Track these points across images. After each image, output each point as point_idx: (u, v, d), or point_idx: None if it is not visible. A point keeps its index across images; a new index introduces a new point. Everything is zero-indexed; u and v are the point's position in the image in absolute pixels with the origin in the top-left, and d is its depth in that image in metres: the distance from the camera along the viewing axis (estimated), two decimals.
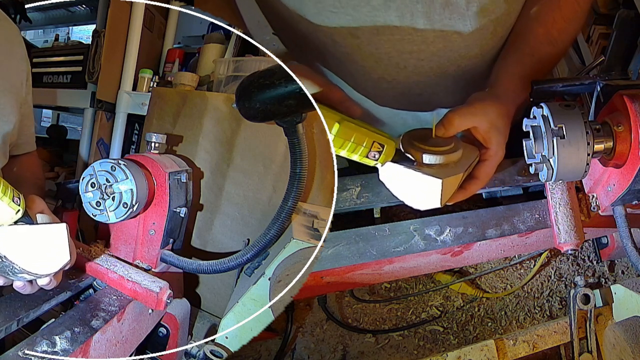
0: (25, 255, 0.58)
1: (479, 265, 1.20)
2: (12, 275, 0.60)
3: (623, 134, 0.66)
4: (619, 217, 0.74)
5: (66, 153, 2.00)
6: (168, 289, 0.78)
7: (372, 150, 0.61)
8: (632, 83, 0.72)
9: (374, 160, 0.62)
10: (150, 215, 0.87)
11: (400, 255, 0.79)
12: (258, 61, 1.22)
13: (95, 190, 0.79)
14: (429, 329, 1.15)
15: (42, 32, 2.53)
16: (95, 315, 0.71)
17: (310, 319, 1.18)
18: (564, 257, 1.20)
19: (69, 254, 0.62)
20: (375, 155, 0.61)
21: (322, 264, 0.77)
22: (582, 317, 0.81)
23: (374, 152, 0.61)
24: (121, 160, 0.81)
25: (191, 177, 0.96)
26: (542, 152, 0.68)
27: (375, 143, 0.61)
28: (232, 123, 1.06)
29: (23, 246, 0.58)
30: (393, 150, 0.63)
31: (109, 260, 0.83)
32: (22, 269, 0.58)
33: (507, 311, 1.16)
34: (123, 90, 1.50)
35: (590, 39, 1.35)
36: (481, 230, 0.81)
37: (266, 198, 1.03)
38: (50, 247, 0.60)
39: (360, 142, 0.60)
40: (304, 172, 0.77)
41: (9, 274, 0.59)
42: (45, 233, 0.60)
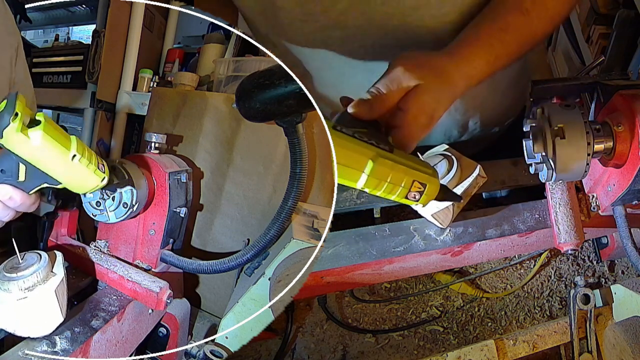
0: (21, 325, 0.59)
1: (479, 265, 1.20)
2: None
3: (623, 134, 0.66)
4: (619, 217, 0.74)
5: None
6: (168, 289, 0.78)
7: (411, 190, 0.52)
8: (632, 83, 0.72)
9: (414, 201, 0.54)
10: (150, 215, 0.87)
11: (400, 255, 0.79)
12: (258, 61, 1.22)
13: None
14: (429, 329, 1.15)
15: (42, 32, 2.52)
16: (95, 315, 0.71)
17: (310, 319, 1.18)
18: (564, 257, 1.19)
19: (62, 316, 0.61)
20: (415, 195, 0.53)
21: (322, 264, 0.77)
22: (582, 317, 0.81)
23: (414, 192, 0.53)
24: (121, 160, 0.81)
25: (191, 177, 0.97)
26: (542, 152, 0.68)
27: (415, 182, 0.52)
28: (232, 123, 1.06)
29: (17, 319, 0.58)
30: (436, 189, 0.55)
31: (109, 260, 0.83)
32: (20, 335, 0.59)
33: (507, 311, 1.16)
34: (123, 90, 1.50)
35: (590, 39, 1.35)
36: (481, 230, 0.81)
37: (266, 198, 1.03)
38: (43, 313, 0.60)
39: (399, 183, 0.51)
40: (304, 172, 0.77)
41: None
42: (36, 302, 0.59)
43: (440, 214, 0.71)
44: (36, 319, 0.60)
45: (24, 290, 0.57)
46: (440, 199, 0.57)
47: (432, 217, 0.73)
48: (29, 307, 0.58)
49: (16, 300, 0.57)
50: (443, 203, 0.64)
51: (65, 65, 1.63)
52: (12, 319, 0.58)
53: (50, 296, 0.59)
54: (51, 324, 0.61)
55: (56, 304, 0.60)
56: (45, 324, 0.61)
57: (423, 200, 0.54)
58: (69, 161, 0.54)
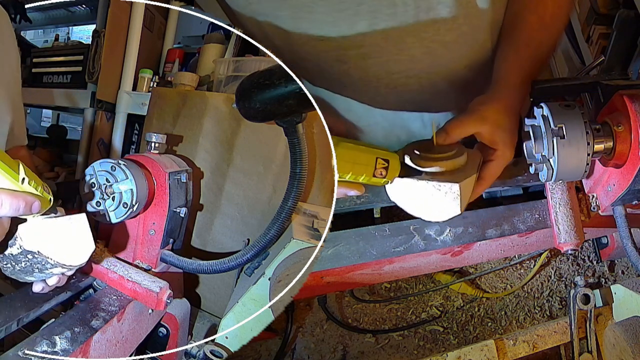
0: (56, 248, 0.58)
1: (479, 265, 1.20)
2: (42, 272, 0.60)
3: (623, 134, 0.66)
4: (619, 217, 0.74)
5: (66, 153, 2.00)
6: (168, 289, 0.78)
7: (377, 167, 0.57)
8: (632, 83, 0.72)
9: (382, 179, 0.58)
10: (150, 215, 0.87)
11: (400, 255, 0.79)
12: (258, 61, 1.22)
13: (96, 190, 0.79)
14: (429, 329, 1.15)
15: (42, 32, 2.53)
16: (95, 315, 0.71)
17: (310, 319, 1.18)
18: (564, 257, 1.20)
19: (94, 243, 0.61)
20: (382, 172, 0.58)
21: (322, 264, 0.77)
22: (582, 317, 0.81)
23: (380, 169, 0.57)
24: (121, 160, 0.81)
25: (191, 177, 0.96)
26: (542, 152, 0.68)
27: (379, 159, 0.57)
28: (232, 123, 1.06)
29: (53, 239, 0.58)
30: (398, 163, 0.59)
31: (109, 260, 0.83)
32: (57, 262, 0.58)
33: (507, 311, 1.16)
34: (123, 90, 1.50)
35: (590, 39, 1.35)
36: (481, 230, 0.81)
37: (266, 198, 1.03)
38: (76, 237, 0.60)
39: (364, 162, 0.56)
40: (304, 172, 0.77)
41: (40, 270, 0.59)
42: (69, 224, 0.60)
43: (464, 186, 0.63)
44: (72, 242, 0.60)
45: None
46: (402, 175, 0.60)
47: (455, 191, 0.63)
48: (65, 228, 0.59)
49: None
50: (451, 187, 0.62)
51: (65, 65, 1.63)
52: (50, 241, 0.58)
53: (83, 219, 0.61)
54: (86, 251, 0.61)
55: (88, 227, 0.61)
56: (82, 249, 0.61)
57: (389, 176, 0.58)
58: (19, 185, 0.54)
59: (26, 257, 0.57)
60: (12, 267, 0.58)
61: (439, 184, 0.59)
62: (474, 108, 0.69)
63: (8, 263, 0.58)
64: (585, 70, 0.90)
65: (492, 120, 0.67)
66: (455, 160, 0.62)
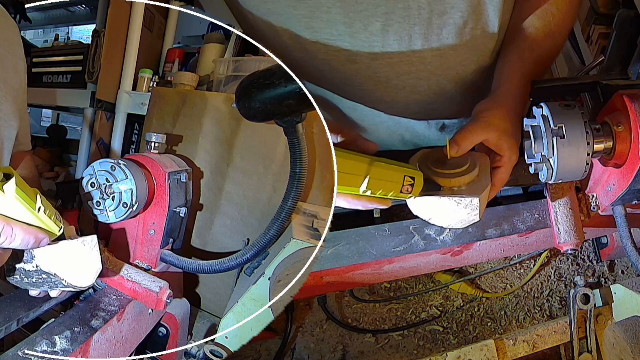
0: (70, 270, 0.61)
1: (479, 265, 1.20)
2: (52, 289, 0.63)
3: (623, 134, 0.66)
4: (619, 217, 0.74)
5: (66, 153, 2.00)
6: (168, 289, 0.78)
7: (404, 184, 0.59)
8: (632, 83, 0.72)
9: (407, 195, 0.61)
10: (150, 215, 0.87)
11: (400, 255, 0.79)
12: (258, 61, 1.22)
13: (95, 190, 0.79)
14: (429, 329, 1.15)
15: (42, 32, 2.53)
16: (95, 315, 0.71)
17: (310, 319, 1.18)
18: (564, 257, 1.20)
19: (101, 264, 0.64)
20: (408, 189, 0.60)
21: (322, 264, 0.77)
22: (582, 317, 0.81)
23: (407, 186, 0.60)
24: (121, 160, 0.81)
25: (191, 177, 0.97)
26: (542, 152, 0.68)
27: (406, 177, 0.59)
28: (232, 123, 1.06)
29: (68, 262, 0.60)
30: (422, 180, 0.62)
31: (109, 260, 0.83)
32: (69, 284, 0.61)
33: (507, 311, 1.16)
34: (123, 90, 1.51)
35: (590, 39, 1.35)
36: (481, 230, 0.81)
37: (266, 198, 1.03)
38: (87, 259, 0.62)
39: (394, 180, 0.59)
40: (304, 172, 0.77)
41: (50, 288, 0.62)
42: (83, 247, 0.62)
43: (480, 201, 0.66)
44: (83, 264, 0.62)
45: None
46: (425, 190, 0.63)
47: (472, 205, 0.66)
48: (78, 251, 0.61)
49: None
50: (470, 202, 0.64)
51: (65, 65, 1.63)
52: (65, 263, 0.60)
53: (94, 241, 0.63)
54: (94, 272, 0.63)
55: (98, 249, 0.63)
56: (90, 270, 0.63)
57: (415, 192, 0.61)
58: (36, 213, 0.55)
59: (40, 276, 0.60)
60: (20, 279, 0.60)
61: (460, 199, 0.63)
62: (479, 115, 0.69)
63: (18, 275, 0.60)
64: (585, 71, 0.90)
65: (497, 127, 0.68)
66: (471, 174, 0.65)
